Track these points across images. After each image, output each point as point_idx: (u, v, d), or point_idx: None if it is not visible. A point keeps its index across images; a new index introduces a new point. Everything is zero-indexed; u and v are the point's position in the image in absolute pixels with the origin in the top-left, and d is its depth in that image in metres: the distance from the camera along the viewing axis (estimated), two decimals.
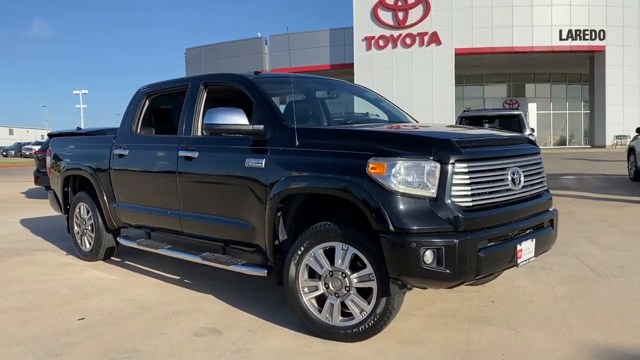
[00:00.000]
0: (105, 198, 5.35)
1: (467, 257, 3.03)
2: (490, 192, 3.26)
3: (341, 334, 3.37)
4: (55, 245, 6.73)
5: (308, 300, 3.48)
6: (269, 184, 3.66)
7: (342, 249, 3.32)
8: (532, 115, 41.65)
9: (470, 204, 3.13)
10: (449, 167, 3.09)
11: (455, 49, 33.35)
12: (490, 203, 3.25)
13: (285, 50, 37.06)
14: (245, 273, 3.97)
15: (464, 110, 11.85)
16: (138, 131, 5.15)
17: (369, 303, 3.29)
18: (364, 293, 3.32)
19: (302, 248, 3.45)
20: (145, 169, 4.84)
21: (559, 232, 4.09)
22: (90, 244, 5.73)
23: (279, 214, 3.66)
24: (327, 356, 3.20)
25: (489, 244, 3.18)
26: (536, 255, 3.59)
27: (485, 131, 4.02)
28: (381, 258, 3.11)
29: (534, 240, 3.52)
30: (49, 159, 6.37)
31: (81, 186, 5.92)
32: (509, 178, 3.39)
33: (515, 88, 42.69)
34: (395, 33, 34.04)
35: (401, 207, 3.05)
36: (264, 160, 3.74)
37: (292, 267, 3.50)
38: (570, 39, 33.79)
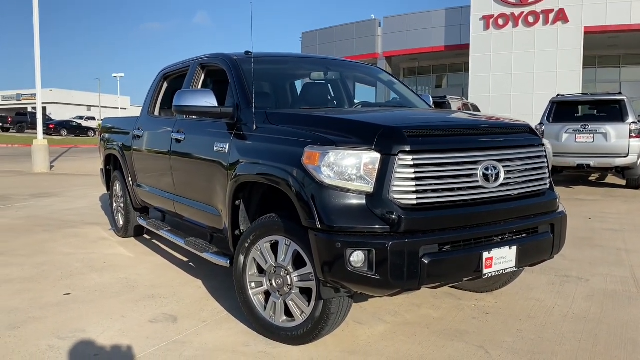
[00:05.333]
0: (129, 178, 5.49)
1: (403, 263, 2.62)
2: (445, 189, 2.78)
3: (282, 335, 3.12)
4: (107, 221, 7.10)
5: (255, 295, 3.26)
6: (229, 169, 3.47)
7: (285, 244, 3.05)
8: None
9: (414, 202, 2.69)
10: (392, 159, 2.68)
11: (584, 27, 30.16)
12: (444, 202, 2.78)
13: (399, 32, 36.10)
14: (212, 261, 3.82)
15: (557, 95, 10.62)
16: (154, 112, 5.19)
17: (309, 305, 3.00)
18: (308, 293, 3.03)
19: (249, 240, 3.22)
20: (151, 149, 4.87)
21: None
22: (122, 221, 5.94)
23: (237, 202, 3.46)
24: (256, 358, 2.96)
25: (440, 249, 2.73)
26: (519, 265, 3.04)
27: (461, 117, 3.47)
28: None
29: (516, 247, 2.98)
30: (99, 138, 6.70)
31: (119, 165, 6.14)
32: (480, 173, 2.87)
33: None
34: (517, 11, 31.53)
35: (331, 202, 2.71)
36: (227, 144, 3.55)
37: (241, 259, 3.29)
38: None
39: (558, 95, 10.71)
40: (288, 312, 3.12)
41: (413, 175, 2.69)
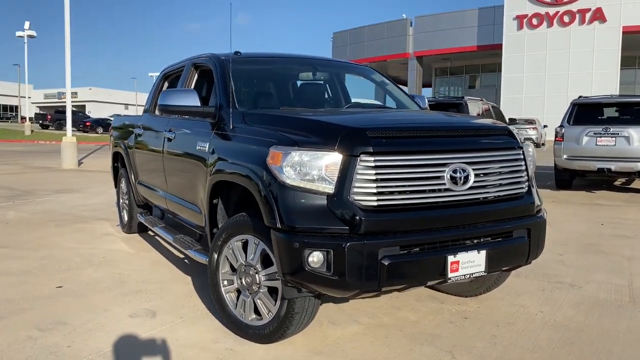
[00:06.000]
0: (132, 175, 5.61)
1: (362, 264, 2.61)
2: (409, 191, 2.75)
3: (251, 333, 3.14)
4: (117, 217, 7.26)
5: (227, 293, 3.30)
6: (208, 168, 3.52)
7: (254, 243, 3.08)
8: None
9: (375, 203, 2.68)
10: (354, 160, 2.67)
11: (622, 26, 29.34)
12: (408, 204, 2.75)
13: (430, 31, 35.79)
14: (194, 259, 3.88)
15: (579, 97, 10.34)
16: (154, 111, 5.29)
17: (275, 304, 3.02)
18: (276, 292, 3.04)
19: (221, 238, 3.26)
20: (148, 147, 4.96)
21: None
22: (127, 217, 6.08)
23: (214, 200, 3.50)
24: (222, 355, 2.99)
25: (401, 252, 2.71)
26: (489, 270, 2.98)
27: (435, 118, 3.42)
28: None
29: (485, 251, 2.92)
30: (109, 135, 6.87)
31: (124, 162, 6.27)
32: (447, 176, 2.83)
33: None
34: (552, 10, 30.92)
35: (291, 202, 2.72)
36: (208, 143, 3.60)
37: (214, 257, 3.33)
38: None
39: (580, 96, 10.44)
40: (257, 311, 3.15)
41: (374, 177, 2.67)
